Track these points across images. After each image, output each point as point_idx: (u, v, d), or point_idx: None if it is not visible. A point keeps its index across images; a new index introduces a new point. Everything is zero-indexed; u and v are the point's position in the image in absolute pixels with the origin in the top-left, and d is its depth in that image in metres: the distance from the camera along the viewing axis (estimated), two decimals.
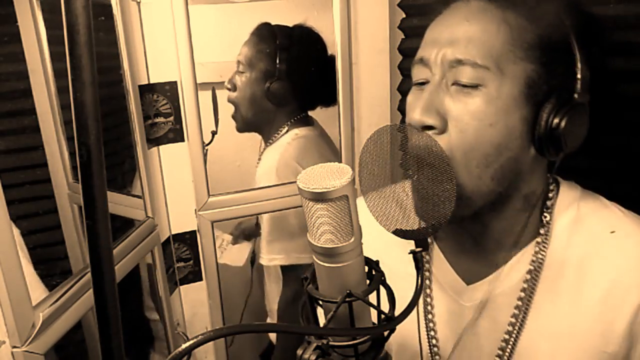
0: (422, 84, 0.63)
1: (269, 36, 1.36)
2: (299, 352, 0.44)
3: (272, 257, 1.36)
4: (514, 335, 0.64)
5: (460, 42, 0.59)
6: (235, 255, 1.58)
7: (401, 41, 1.18)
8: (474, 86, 0.58)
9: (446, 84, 0.60)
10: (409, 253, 0.54)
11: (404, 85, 1.19)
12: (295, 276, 1.39)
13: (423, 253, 0.71)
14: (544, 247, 0.64)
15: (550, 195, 0.67)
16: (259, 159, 1.46)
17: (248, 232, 1.65)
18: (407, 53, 1.17)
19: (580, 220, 0.64)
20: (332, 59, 1.34)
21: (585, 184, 0.70)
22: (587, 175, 0.82)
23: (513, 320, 0.64)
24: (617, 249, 0.61)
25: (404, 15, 1.16)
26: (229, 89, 1.39)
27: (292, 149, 1.36)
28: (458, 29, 0.60)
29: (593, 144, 0.63)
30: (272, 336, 1.56)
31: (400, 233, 0.55)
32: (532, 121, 0.60)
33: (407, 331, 0.72)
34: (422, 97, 0.61)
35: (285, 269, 1.40)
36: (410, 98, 0.65)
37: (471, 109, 0.58)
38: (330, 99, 1.34)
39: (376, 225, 0.55)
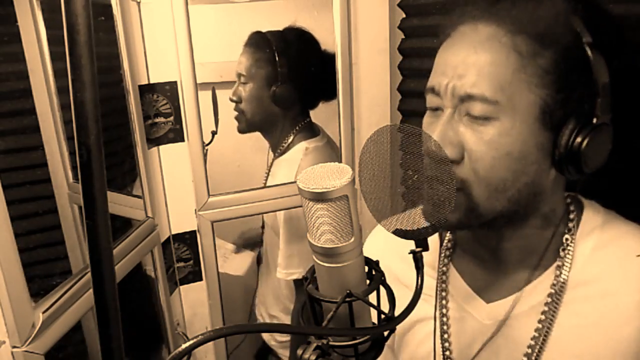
0: (435, 109, 0.63)
1: (264, 43, 1.37)
2: (299, 352, 0.44)
3: (290, 272, 1.35)
4: (533, 357, 0.64)
5: (469, 75, 0.58)
6: (237, 264, 1.58)
7: (401, 41, 1.18)
8: (487, 118, 0.58)
9: (459, 114, 0.60)
10: (409, 253, 0.54)
11: (404, 85, 1.19)
12: None
13: (439, 273, 0.72)
14: (565, 269, 0.64)
15: (571, 216, 0.66)
16: (268, 170, 1.46)
17: (252, 241, 1.65)
18: (407, 53, 1.17)
19: (603, 242, 0.64)
20: (327, 54, 1.34)
21: (612, 187, 0.69)
22: (610, 177, 0.81)
23: (532, 342, 0.64)
24: None
25: (404, 15, 1.16)
26: (234, 101, 1.40)
27: (306, 165, 1.35)
28: (466, 60, 0.59)
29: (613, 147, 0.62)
30: (265, 337, 1.56)
31: (401, 233, 0.55)
32: (550, 146, 0.59)
33: (423, 349, 0.72)
34: (437, 129, 0.60)
35: (297, 281, 1.40)
36: (426, 120, 0.65)
37: (486, 139, 0.58)
38: (330, 93, 1.35)
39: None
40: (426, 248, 0.54)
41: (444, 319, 0.71)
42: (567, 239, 0.65)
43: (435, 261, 0.73)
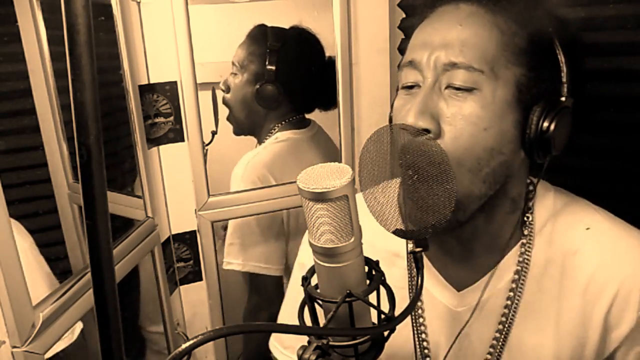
0: (411, 87, 0.63)
1: (260, 38, 1.35)
2: (299, 352, 0.44)
3: (228, 262, 1.31)
4: (503, 334, 0.66)
5: (454, 45, 0.59)
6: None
7: (401, 41, 1.18)
8: (469, 90, 0.58)
9: (439, 87, 0.60)
10: (409, 253, 0.54)
11: None
12: (257, 286, 1.34)
13: (408, 263, 0.72)
14: (529, 247, 0.66)
15: (530, 196, 0.68)
16: None
17: None
18: None
19: (556, 219, 0.67)
20: (331, 61, 1.31)
21: (583, 185, 0.70)
22: (585, 175, 0.82)
23: (503, 319, 0.66)
24: (594, 245, 0.64)
25: (404, 15, 1.16)
26: (223, 90, 1.38)
27: (265, 153, 1.33)
28: (450, 32, 0.60)
29: (592, 144, 0.64)
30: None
31: (401, 233, 0.55)
32: (523, 125, 0.60)
33: (398, 339, 0.73)
34: (416, 101, 0.60)
35: (250, 277, 1.36)
36: (398, 102, 0.64)
37: (466, 113, 0.58)
38: (328, 103, 1.33)
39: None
40: (426, 248, 0.54)
41: (419, 312, 0.72)
42: (527, 217, 0.67)
43: (403, 251, 0.73)
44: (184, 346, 0.39)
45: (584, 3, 0.78)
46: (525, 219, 0.67)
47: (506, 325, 0.66)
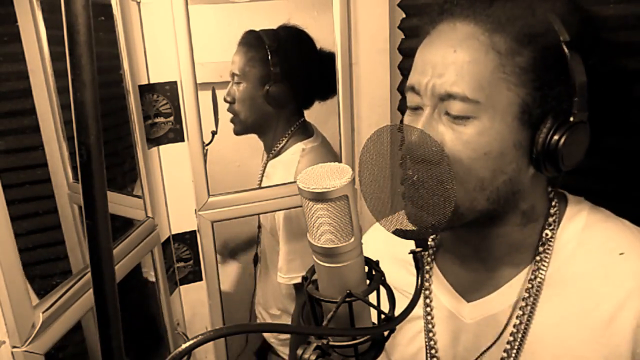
0: (416, 109, 0.63)
1: (257, 42, 1.36)
2: (299, 352, 0.44)
3: (292, 277, 1.35)
4: (513, 353, 0.64)
5: (448, 74, 0.58)
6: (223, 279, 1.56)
7: (401, 41, 1.18)
8: (467, 117, 0.57)
9: (439, 113, 0.60)
10: (409, 253, 0.54)
11: (404, 85, 1.19)
12: None
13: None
14: (544, 265, 0.63)
15: (552, 211, 0.65)
16: (263, 171, 1.46)
17: (237, 249, 1.64)
18: (407, 53, 1.17)
19: (586, 238, 0.63)
20: (323, 53, 1.34)
21: (589, 184, 0.69)
22: (590, 175, 0.82)
23: (511, 338, 0.64)
24: (628, 271, 0.59)
25: (404, 15, 1.16)
26: (228, 102, 1.39)
27: (304, 166, 1.33)
28: (446, 59, 0.58)
29: (596, 145, 0.63)
30: (266, 334, 1.56)
31: (401, 233, 0.55)
32: (529, 144, 0.59)
33: (410, 347, 0.73)
34: (418, 126, 0.60)
35: (297, 284, 1.39)
36: (406, 120, 0.65)
37: (464, 139, 0.58)
38: (326, 92, 1.34)
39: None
40: (426, 248, 0.54)
41: (429, 318, 0.71)
42: (546, 234, 0.64)
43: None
44: (184, 346, 0.39)
45: (584, 3, 0.78)
46: (543, 235, 0.64)
47: (515, 344, 0.63)
